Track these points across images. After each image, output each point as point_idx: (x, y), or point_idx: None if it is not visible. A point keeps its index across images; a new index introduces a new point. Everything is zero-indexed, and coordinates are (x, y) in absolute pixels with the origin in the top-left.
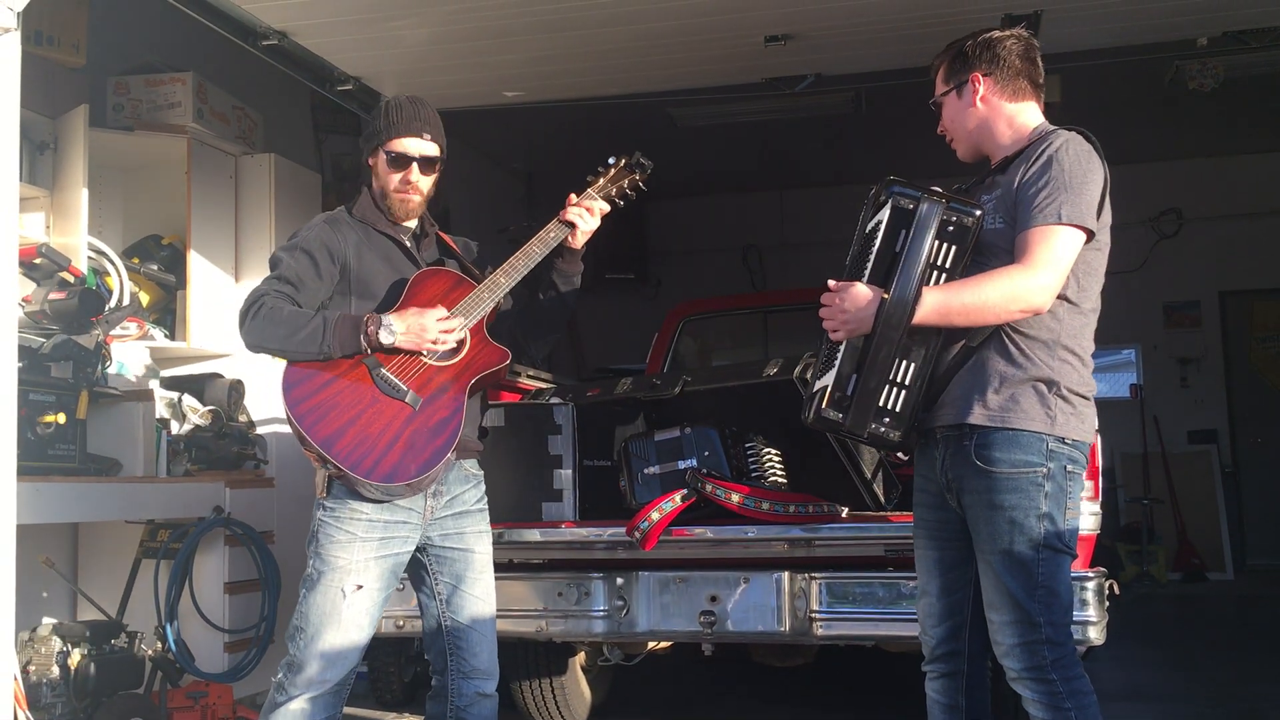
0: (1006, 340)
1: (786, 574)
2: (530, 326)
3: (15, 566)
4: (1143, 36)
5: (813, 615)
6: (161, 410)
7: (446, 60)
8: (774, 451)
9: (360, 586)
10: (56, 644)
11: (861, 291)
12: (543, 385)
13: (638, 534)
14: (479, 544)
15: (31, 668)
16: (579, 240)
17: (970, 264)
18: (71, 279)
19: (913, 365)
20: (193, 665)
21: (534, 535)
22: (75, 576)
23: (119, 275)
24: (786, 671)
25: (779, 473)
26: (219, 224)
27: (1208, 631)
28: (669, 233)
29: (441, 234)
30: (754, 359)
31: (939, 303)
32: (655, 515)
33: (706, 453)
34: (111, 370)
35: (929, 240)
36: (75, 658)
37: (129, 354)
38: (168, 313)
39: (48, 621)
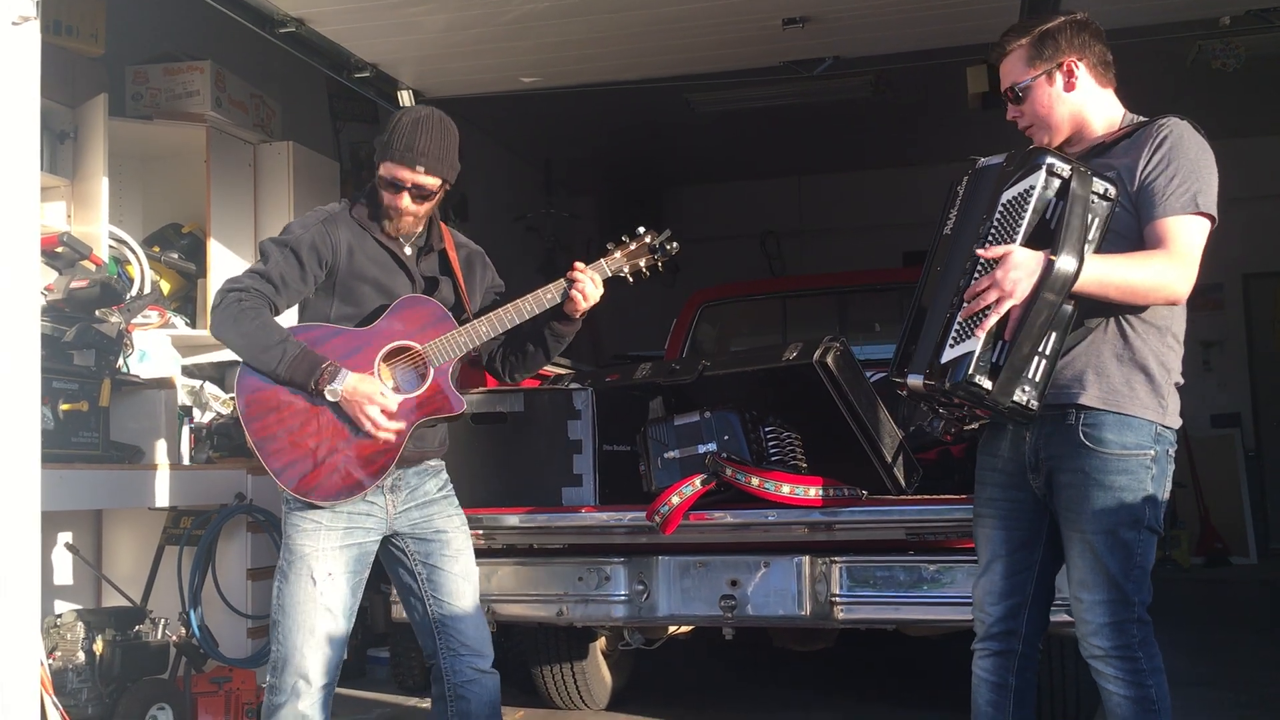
0: (1124, 324)
1: (807, 558)
2: (505, 357)
3: (40, 553)
4: (1165, 15)
5: (833, 599)
6: (183, 398)
7: (463, 46)
8: (794, 435)
9: (330, 574)
10: (81, 630)
11: (1030, 254)
12: (561, 371)
13: (658, 518)
14: (450, 525)
15: (56, 654)
16: (581, 308)
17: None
18: (93, 267)
19: (1054, 334)
20: (216, 651)
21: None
22: (99, 563)
23: (140, 263)
24: (807, 655)
25: (799, 456)
26: (238, 212)
27: (1232, 616)
28: (686, 219)
29: (449, 242)
30: (773, 343)
31: (1101, 273)
32: (675, 499)
33: (726, 437)
34: (133, 358)
35: (1082, 212)
36: (100, 644)
37: (150, 342)
38: (188, 301)
39: (72, 608)
